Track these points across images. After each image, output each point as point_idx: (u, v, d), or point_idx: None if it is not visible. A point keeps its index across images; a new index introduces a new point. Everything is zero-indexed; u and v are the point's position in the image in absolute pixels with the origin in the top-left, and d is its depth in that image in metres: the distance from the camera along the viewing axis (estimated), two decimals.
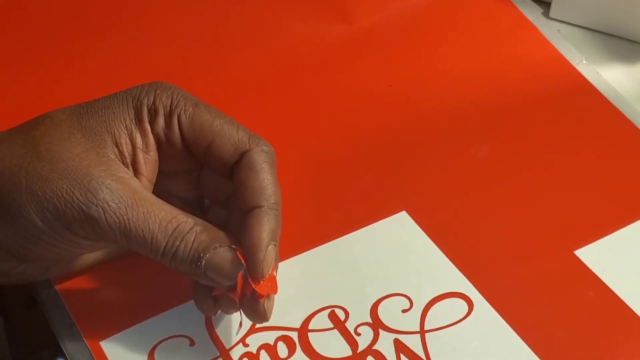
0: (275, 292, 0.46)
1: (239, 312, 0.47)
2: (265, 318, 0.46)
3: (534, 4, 0.69)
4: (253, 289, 0.45)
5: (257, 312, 0.46)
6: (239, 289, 0.45)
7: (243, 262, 0.44)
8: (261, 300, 0.45)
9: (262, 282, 0.45)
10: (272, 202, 0.46)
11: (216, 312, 0.48)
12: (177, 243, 0.44)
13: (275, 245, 0.46)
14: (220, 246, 0.45)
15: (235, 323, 0.49)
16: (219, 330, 0.49)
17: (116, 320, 0.49)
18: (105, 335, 0.48)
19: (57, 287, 0.51)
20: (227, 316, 0.49)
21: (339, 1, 0.68)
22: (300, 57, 0.65)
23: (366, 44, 0.66)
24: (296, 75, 0.64)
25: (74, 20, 0.66)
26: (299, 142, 0.59)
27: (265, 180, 0.47)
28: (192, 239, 0.44)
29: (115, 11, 0.67)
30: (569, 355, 0.49)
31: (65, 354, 0.48)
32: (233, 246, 0.45)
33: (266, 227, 0.45)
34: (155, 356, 0.48)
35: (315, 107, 0.62)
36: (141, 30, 0.66)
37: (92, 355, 0.48)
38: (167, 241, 0.44)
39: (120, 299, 0.50)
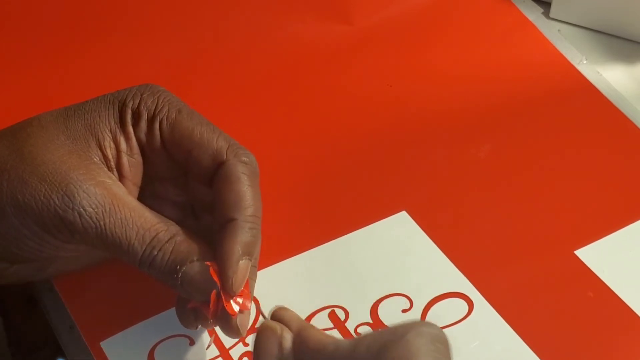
0: (248, 308, 0.45)
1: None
2: (238, 334, 0.45)
3: (534, 4, 0.69)
4: (223, 305, 0.44)
5: (230, 328, 0.45)
6: (211, 305, 0.43)
7: (215, 277, 0.43)
8: (234, 317, 0.44)
9: (234, 298, 0.44)
10: (247, 215, 0.44)
11: (196, 327, 0.47)
12: (155, 252, 0.43)
13: (249, 259, 0.44)
14: (197, 259, 0.43)
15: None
16: (219, 330, 0.49)
17: (116, 320, 0.49)
18: (105, 335, 0.48)
19: (57, 287, 0.51)
20: None
21: (339, 1, 0.68)
22: (300, 58, 0.65)
23: (366, 44, 0.66)
24: (296, 76, 0.64)
25: (74, 20, 0.66)
26: (299, 142, 0.59)
27: (241, 192, 0.45)
28: (170, 249, 0.44)
29: (114, 12, 0.67)
30: (569, 355, 0.49)
31: (65, 354, 0.48)
32: (209, 261, 0.43)
33: (238, 241, 0.44)
34: (155, 356, 0.48)
35: (315, 107, 0.62)
36: (141, 30, 0.66)
37: (92, 355, 0.48)
38: (145, 249, 0.43)
39: (120, 299, 0.50)
